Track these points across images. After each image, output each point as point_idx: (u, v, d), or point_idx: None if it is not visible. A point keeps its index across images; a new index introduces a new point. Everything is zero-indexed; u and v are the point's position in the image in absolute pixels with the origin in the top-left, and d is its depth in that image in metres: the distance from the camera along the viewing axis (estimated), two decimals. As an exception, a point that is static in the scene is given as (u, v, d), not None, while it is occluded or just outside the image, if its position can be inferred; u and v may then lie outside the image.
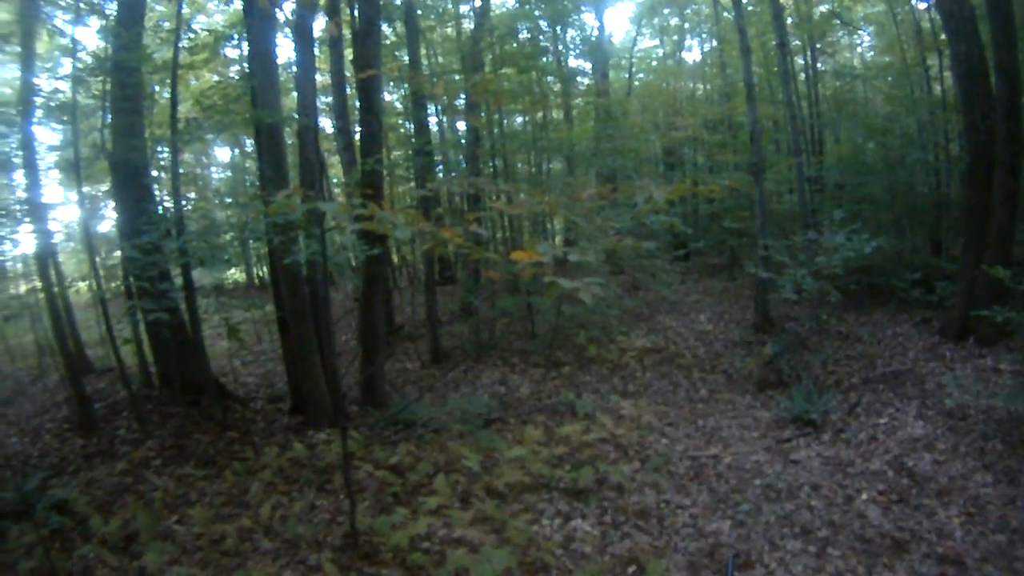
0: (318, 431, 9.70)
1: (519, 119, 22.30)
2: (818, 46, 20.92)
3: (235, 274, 27.63)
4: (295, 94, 11.82)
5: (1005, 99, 10.47)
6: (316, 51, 13.00)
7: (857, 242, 10.53)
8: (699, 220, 23.48)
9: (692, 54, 27.29)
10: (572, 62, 23.31)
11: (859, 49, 24.49)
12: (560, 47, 22.20)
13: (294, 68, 12.22)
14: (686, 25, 25.84)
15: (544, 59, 20.60)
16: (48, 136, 14.76)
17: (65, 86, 12.09)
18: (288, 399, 11.45)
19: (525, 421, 10.10)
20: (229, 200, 20.86)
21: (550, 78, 21.68)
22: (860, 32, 22.95)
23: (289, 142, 11.86)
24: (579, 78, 23.13)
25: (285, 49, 22.68)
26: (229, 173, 29.42)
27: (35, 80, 11.82)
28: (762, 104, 20.75)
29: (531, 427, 9.40)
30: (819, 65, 21.39)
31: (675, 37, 26.44)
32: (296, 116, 11.08)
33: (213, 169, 30.17)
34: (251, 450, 9.05)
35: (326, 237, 6.86)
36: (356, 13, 12.32)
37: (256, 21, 10.08)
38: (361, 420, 10.59)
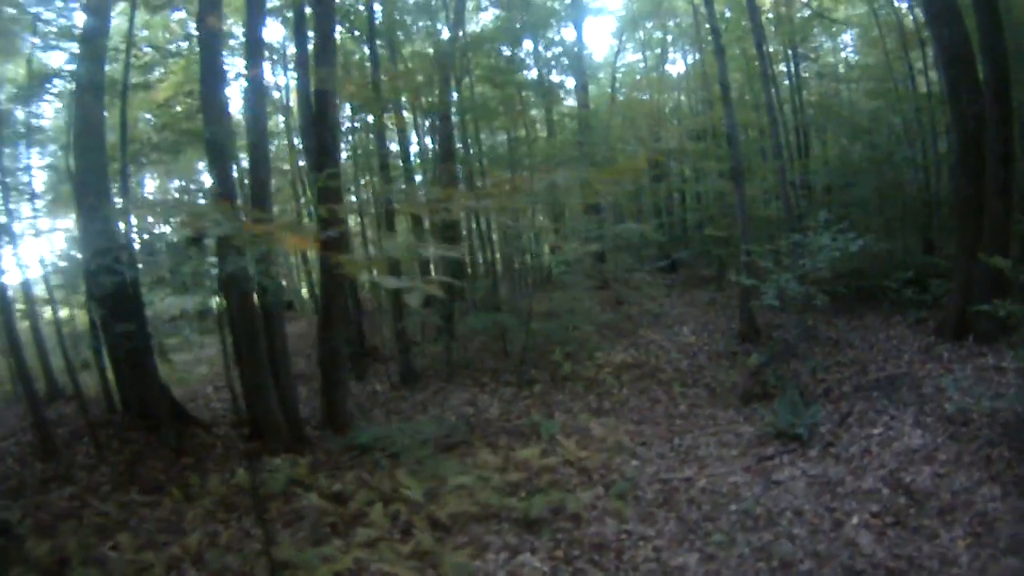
0: (273, 456, 8.99)
1: (502, 137, 21.37)
2: (800, 50, 20.11)
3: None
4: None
5: (993, 83, 9.63)
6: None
7: (842, 241, 9.55)
8: (687, 230, 22.54)
9: (676, 67, 26.54)
10: (554, 78, 22.42)
11: (842, 54, 23.57)
12: (539, 61, 21.29)
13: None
14: (669, 38, 24.93)
15: (523, 73, 19.72)
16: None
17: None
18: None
19: (491, 443, 9.21)
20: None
21: (528, 94, 20.75)
22: (843, 33, 22.03)
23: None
24: (561, 92, 22.19)
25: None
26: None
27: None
28: (744, 110, 20.01)
29: (487, 451, 8.45)
30: (802, 70, 20.58)
31: (658, 50, 25.54)
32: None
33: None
34: (196, 477, 8.62)
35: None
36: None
37: (205, 36, 9.78)
38: (319, 446, 9.88)
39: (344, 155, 16.98)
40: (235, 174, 11.09)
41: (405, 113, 18.30)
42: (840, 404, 8.94)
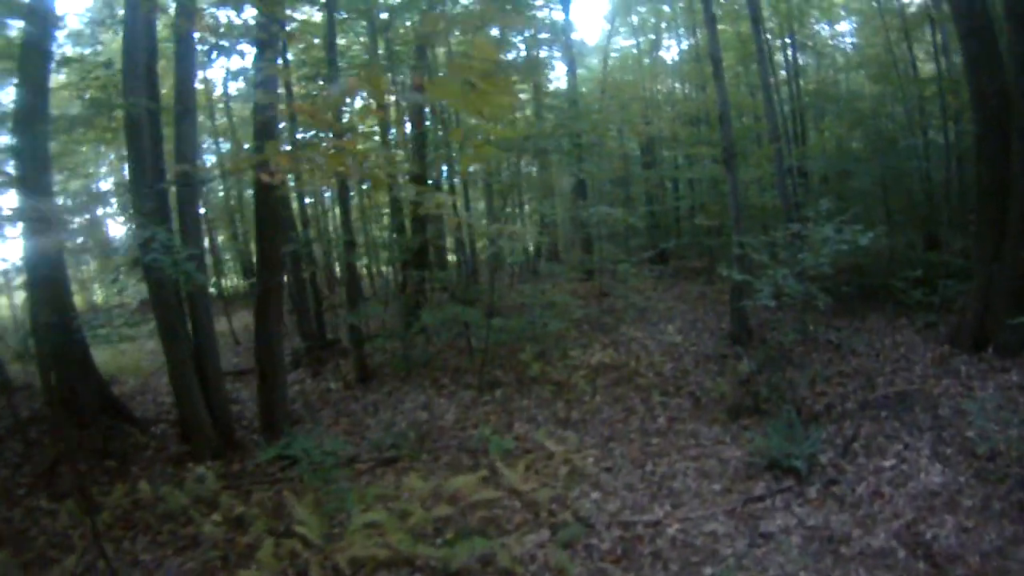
0: (198, 463, 8.10)
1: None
2: (797, 37, 18.55)
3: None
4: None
5: (1018, 51, 8.28)
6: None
7: (850, 233, 8.02)
8: (679, 220, 21.01)
9: (670, 53, 24.92)
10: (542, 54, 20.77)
11: (841, 41, 21.93)
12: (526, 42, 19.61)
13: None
14: (663, 24, 23.29)
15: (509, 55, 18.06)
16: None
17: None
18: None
19: (437, 458, 8.00)
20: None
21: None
22: (841, 21, 20.41)
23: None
24: (547, 69, 20.56)
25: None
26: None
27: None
28: (739, 97, 18.47)
29: (418, 475, 6.97)
30: (799, 57, 19.07)
31: (652, 36, 23.90)
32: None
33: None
34: (101, 486, 7.70)
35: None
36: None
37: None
38: (251, 452, 8.84)
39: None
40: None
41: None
42: (843, 425, 7.49)
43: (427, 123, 16.88)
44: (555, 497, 6.19)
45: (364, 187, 12.91)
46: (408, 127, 16.17)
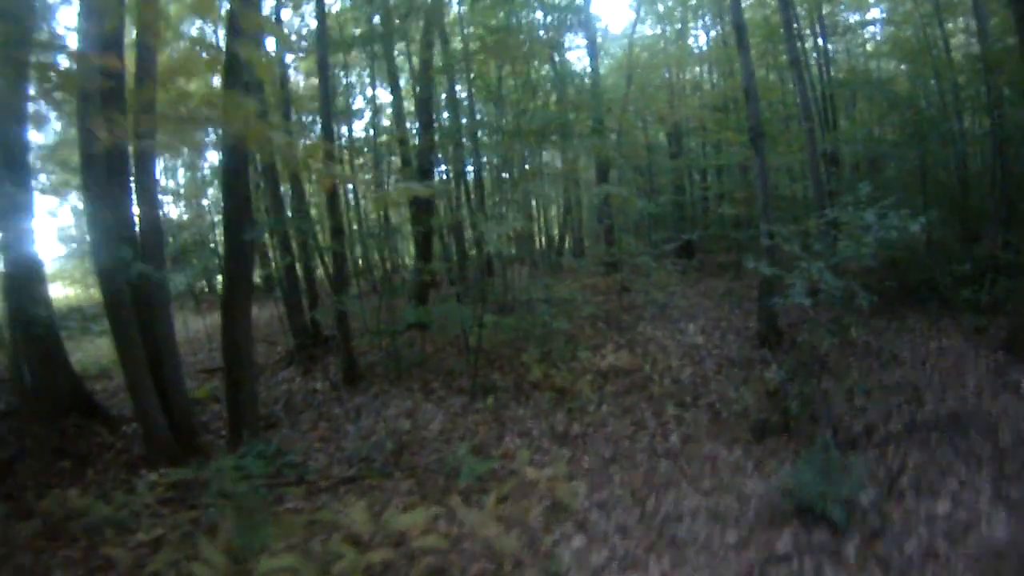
0: (152, 469, 7.25)
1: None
2: (827, 23, 17.00)
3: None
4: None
5: None
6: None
7: (897, 218, 6.69)
8: (707, 210, 19.57)
9: (698, 43, 23.28)
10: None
11: (870, 30, 20.22)
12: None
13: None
14: (690, 11, 21.63)
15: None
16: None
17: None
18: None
19: (409, 476, 6.86)
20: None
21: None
22: (871, 8, 18.71)
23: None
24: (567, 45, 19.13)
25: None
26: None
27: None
28: (768, 83, 17.07)
29: (364, 503, 5.80)
30: (828, 46, 17.49)
31: (678, 26, 22.25)
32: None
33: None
34: (31, 493, 6.68)
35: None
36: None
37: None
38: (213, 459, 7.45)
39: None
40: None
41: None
42: (888, 452, 6.18)
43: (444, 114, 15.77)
44: (528, 543, 4.94)
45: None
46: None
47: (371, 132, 18.39)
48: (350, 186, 14.75)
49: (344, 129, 17.12)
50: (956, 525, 4.82)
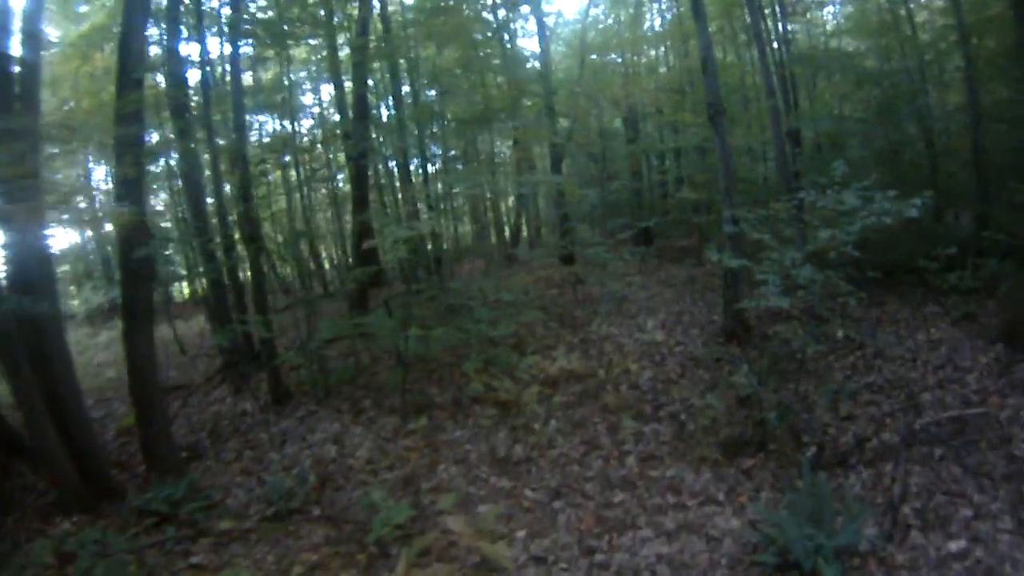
0: (66, 516, 6.40)
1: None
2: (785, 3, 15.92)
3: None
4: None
5: None
6: None
7: (887, 202, 5.65)
8: (667, 195, 18.47)
9: (654, 27, 21.95)
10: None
11: (829, 11, 19.15)
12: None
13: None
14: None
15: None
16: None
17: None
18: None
19: (329, 518, 5.81)
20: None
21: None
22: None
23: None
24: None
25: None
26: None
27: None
28: (726, 64, 15.99)
29: (266, 561, 4.67)
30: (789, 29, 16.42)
31: (631, 11, 20.94)
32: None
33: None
34: None
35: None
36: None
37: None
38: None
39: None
40: None
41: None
42: (883, 470, 5.14)
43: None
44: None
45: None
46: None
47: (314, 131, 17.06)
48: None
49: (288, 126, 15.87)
50: (974, 570, 3.76)
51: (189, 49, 11.08)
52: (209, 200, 10.89)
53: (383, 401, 8.20)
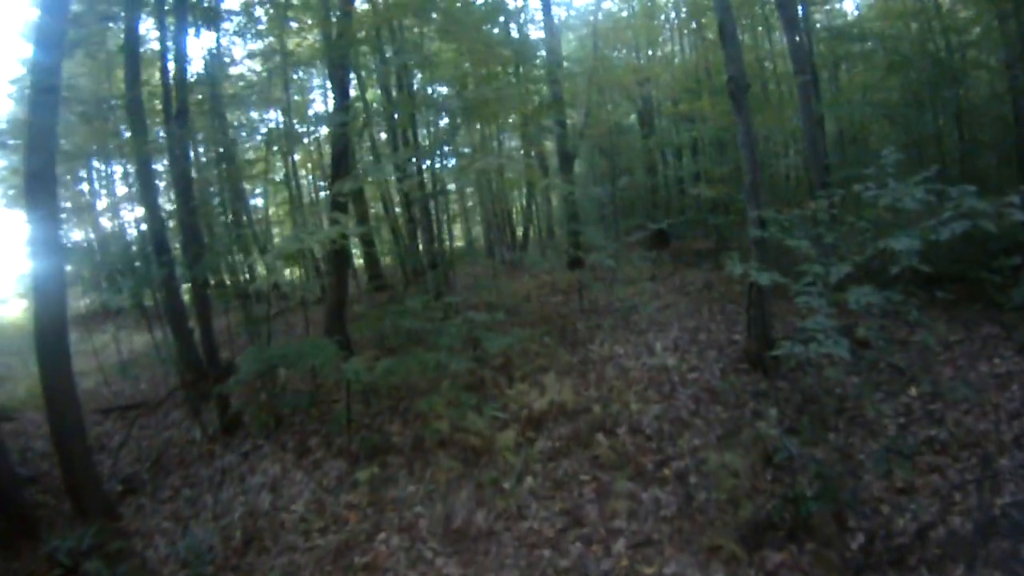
0: None
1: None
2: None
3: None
4: None
5: None
6: None
7: (964, 197, 3.99)
8: (684, 193, 16.72)
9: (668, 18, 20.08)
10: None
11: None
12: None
13: None
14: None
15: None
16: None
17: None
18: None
19: None
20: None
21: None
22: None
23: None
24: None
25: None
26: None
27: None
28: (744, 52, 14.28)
29: None
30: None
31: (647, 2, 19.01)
32: None
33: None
34: None
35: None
36: None
37: None
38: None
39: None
40: None
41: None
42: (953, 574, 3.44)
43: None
44: None
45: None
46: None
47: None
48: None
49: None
50: None
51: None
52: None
53: (334, 439, 6.58)
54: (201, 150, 11.18)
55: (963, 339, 6.97)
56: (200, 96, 11.57)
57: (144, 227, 9.90)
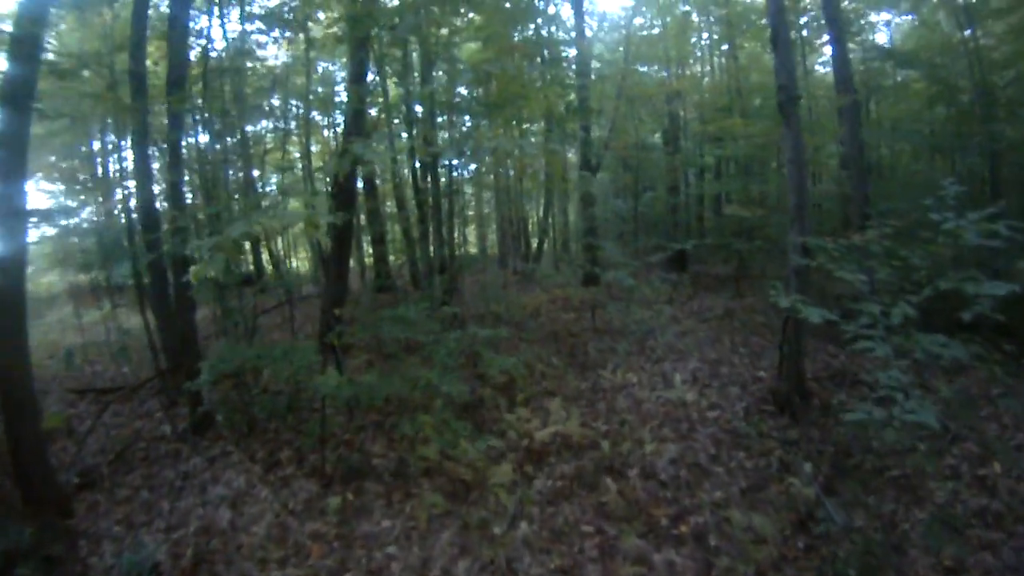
0: None
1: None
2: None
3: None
4: None
5: None
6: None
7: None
8: (702, 216, 15.95)
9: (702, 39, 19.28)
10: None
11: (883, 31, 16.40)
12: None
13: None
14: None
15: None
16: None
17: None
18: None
19: None
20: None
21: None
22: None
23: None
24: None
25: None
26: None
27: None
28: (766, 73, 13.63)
29: None
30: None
31: (679, 15, 18.20)
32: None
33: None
34: None
35: None
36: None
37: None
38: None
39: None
40: None
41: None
42: None
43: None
44: None
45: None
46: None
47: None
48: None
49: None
50: None
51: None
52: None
53: (307, 455, 5.81)
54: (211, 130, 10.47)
55: (1008, 390, 6.17)
56: (220, 82, 10.89)
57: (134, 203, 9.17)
